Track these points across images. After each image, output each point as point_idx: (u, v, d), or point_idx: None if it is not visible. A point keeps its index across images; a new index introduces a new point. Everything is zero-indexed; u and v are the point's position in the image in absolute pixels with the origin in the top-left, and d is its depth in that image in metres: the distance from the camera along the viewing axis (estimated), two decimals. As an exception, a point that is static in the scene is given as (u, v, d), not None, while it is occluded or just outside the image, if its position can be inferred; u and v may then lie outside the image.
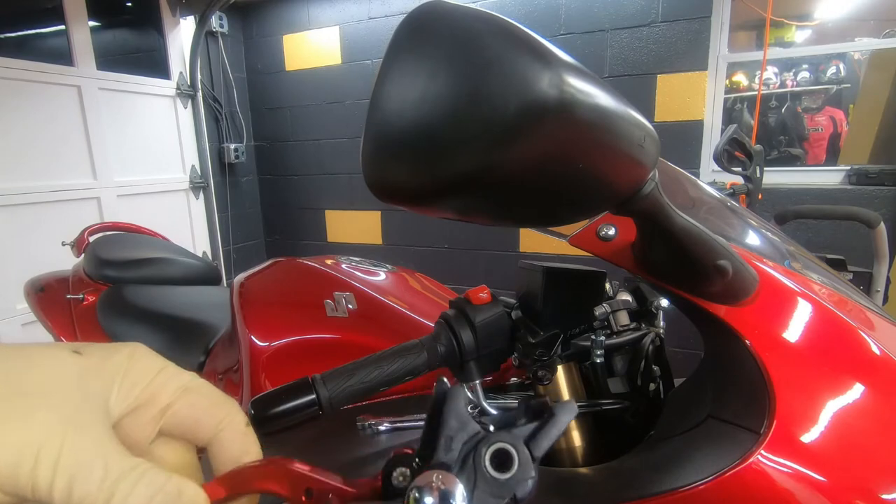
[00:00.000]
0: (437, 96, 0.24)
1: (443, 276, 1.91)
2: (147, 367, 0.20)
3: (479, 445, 0.20)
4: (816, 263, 0.60)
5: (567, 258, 2.23)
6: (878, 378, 0.40)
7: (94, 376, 0.19)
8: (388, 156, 0.27)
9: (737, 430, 0.39)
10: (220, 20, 3.24)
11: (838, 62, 3.90)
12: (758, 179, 1.41)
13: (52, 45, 2.56)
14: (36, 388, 0.17)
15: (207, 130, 3.26)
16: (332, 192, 3.46)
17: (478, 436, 0.20)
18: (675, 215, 0.36)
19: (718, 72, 2.50)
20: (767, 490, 0.35)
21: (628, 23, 2.56)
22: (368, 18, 3.11)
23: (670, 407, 0.50)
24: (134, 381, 0.20)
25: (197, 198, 3.28)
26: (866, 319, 0.49)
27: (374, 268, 0.99)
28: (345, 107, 3.29)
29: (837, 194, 2.36)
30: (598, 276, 0.56)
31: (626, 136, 0.28)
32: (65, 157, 2.50)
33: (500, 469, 0.20)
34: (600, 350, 0.54)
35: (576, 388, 0.56)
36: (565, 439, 0.54)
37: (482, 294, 0.51)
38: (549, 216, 0.33)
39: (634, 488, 0.40)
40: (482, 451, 0.20)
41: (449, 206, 0.28)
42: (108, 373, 0.19)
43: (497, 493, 0.20)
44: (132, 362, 0.20)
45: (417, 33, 0.26)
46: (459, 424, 0.20)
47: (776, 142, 4.04)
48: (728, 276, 0.39)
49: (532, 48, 0.24)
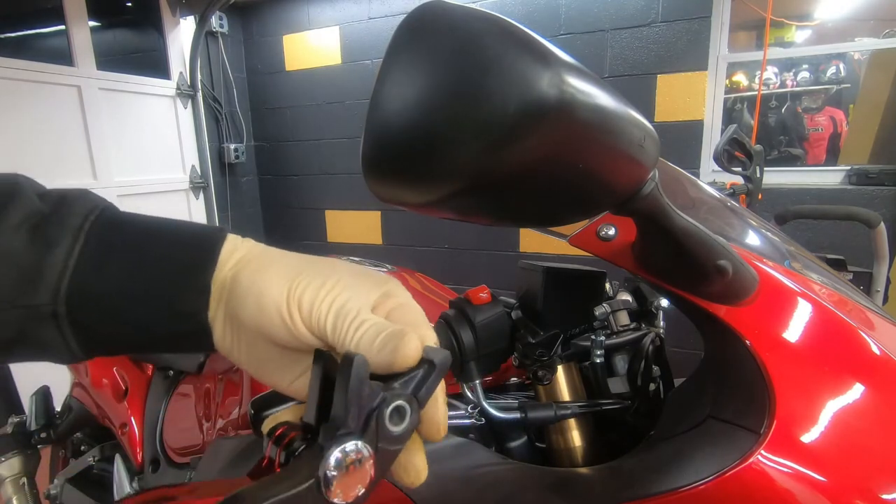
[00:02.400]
0: (437, 96, 0.24)
1: (443, 276, 1.90)
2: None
3: (382, 405, 0.22)
4: (816, 263, 0.60)
5: (567, 258, 2.23)
6: (878, 378, 0.40)
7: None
8: (388, 156, 0.27)
9: (737, 430, 0.39)
10: (220, 20, 3.24)
11: (838, 62, 3.90)
12: (758, 179, 1.40)
13: (52, 45, 2.56)
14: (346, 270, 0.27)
15: (207, 130, 3.26)
16: (332, 192, 3.46)
17: (380, 396, 0.22)
18: (675, 215, 0.36)
19: (718, 72, 2.50)
20: (767, 490, 0.35)
21: (628, 23, 2.56)
22: (368, 18, 3.11)
23: (670, 407, 0.50)
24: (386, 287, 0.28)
25: (197, 198, 3.28)
26: (866, 319, 0.49)
27: (374, 268, 0.99)
28: (345, 107, 3.29)
29: (837, 194, 2.36)
30: (598, 276, 0.56)
31: (625, 136, 0.28)
32: (65, 157, 2.50)
33: (396, 423, 0.22)
34: (600, 350, 0.54)
35: (576, 388, 0.56)
36: (565, 439, 0.54)
37: (482, 294, 0.51)
38: (549, 216, 0.33)
39: (634, 488, 0.40)
40: (384, 409, 0.22)
41: (449, 207, 0.28)
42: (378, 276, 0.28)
43: (394, 443, 0.22)
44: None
45: (417, 33, 0.26)
46: (367, 392, 0.22)
47: (776, 142, 4.04)
48: (728, 276, 0.39)
49: (532, 48, 0.24)
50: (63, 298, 0.24)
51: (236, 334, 0.27)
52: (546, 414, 0.51)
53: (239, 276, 0.26)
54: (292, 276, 0.26)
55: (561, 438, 0.54)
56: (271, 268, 0.26)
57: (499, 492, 0.47)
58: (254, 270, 0.26)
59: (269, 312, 0.25)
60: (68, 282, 0.24)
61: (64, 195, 0.27)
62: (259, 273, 0.26)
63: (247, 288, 0.26)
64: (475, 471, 0.50)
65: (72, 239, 0.25)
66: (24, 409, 1.11)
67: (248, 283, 0.26)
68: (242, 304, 0.25)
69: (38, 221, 0.25)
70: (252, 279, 0.26)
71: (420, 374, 0.23)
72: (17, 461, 1.01)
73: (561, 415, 0.51)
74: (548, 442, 0.55)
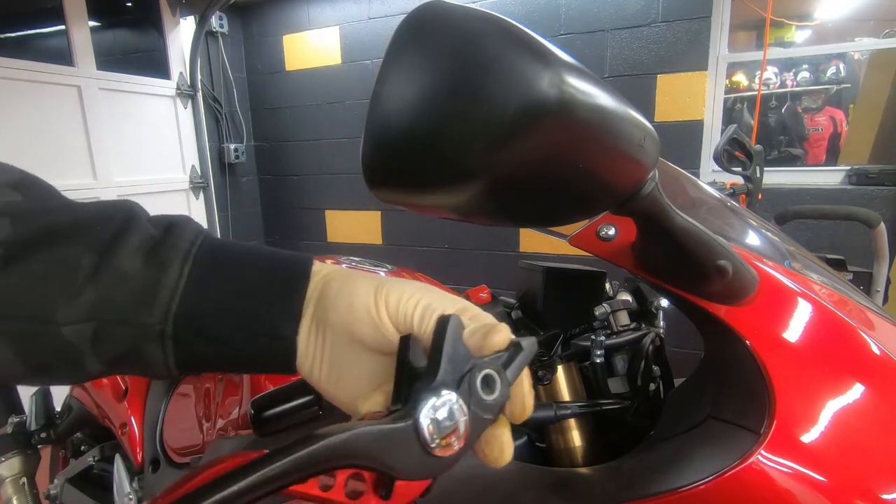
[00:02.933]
0: (437, 96, 0.24)
1: (443, 276, 1.90)
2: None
3: (473, 370, 0.23)
4: (816, 263, 0.60)
5: (567, 258, 2.23)
6: (878, 378, 0.40)
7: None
8: (388, 156, 0.27)
9: (737, 430, 0.39)
10: (220, 20, 3.23)
11: (838, 62, 3.90)
12: (758, 179, 1.40)
13: (52, 45, 2.56)
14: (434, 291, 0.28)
15: (207, 130, 3.26)
16: (332, 192, 3.46)
17: (472, 361, 0.23)
18: (675, 215, 0.36)
19: (718, 72, 2.50)
20: (767, 490, 0.35)
21: (628, 23, 2.56)
22: (368, 18, 3.11)
23: (670, 407, 0.50)
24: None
25: (197, 198, 3.28)
26: (866, 319, 0.49)
27: (374, 268, 0.99)
28: (345, 107, 3.29)
29: (837, 194, 2.36)
30: (598, 276, 0.56)
31: (625, 136, 0.28)
32: (65, 157, 2.50)
33: (486, 392, 0.23)
34: (600, 350, 0.54)
35: (576, 388, 0.56)
36: (565, 439, 0.54)
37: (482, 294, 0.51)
38: (549, 216, 0.33)
39: (634, 488, 0.40)
40: (476, 375, 0.23)
41: (449, 207, 0.28)
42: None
43: (486, 411, 0.23)
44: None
45: (417, 33, 0.26)
46: (462, 351, 0.23)
47: (776, 142, 4.04)
48: (728, 276, 0.39)
49: (532, 48, 0.24)
50: (171, 318, 0.26)
51: (321, 342, 0.28)
52: (546, 414, 0.51)
53: (328, 285, 0.29)
54: (378, 283, 0.28)
55: (561, 438, 0.54)
56: (357, 278, 0.29)
57: (499, 492, 0.47)
58: (342, 280, 0.29)
59: (358, 310, 0.27)
60: (178, 302, 0.26)
61: (171, 221, 0.29)
62: (347, 281, 0.29)
63: (337, 291, 0.28)
64: (475, 471, 0.50)
65: (181, 262, 0.27)
66: (24, 409, 1.11)
67: (338, 288, 0.28)
68: (333, 306, 0.28)
69: (152, 246, 0.27)
70: (341, 285, 0.28)
71: (508, 354, 0.24)
72: (17, 461, 1.01)
73: (561, 415, 0.51)
74: (548, 442, 0.55)
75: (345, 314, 0.27)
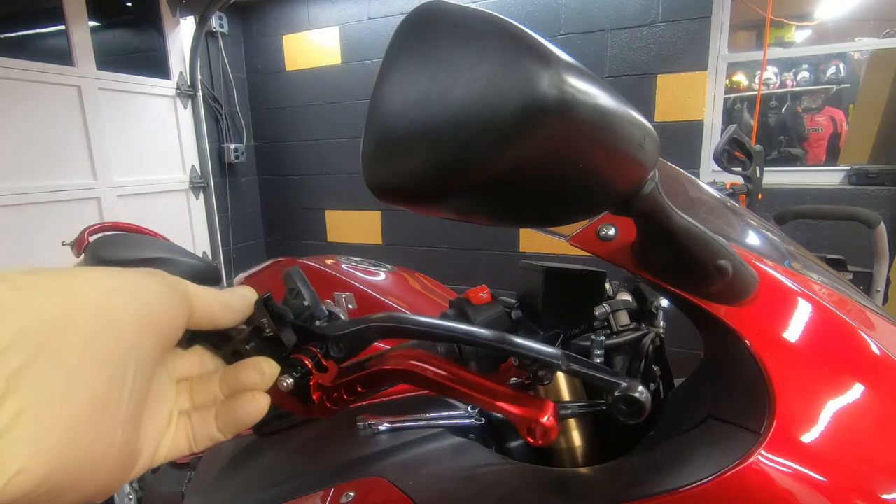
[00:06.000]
0: (437, 96, 0.24)
1: (443, 276, 1.91)
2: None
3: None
4: (816, 263, 0.60)
5: (567, 258, 2.23)
6: (878, 378, 0.40)
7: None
8: (388, 156, 0.27)
9: (737, 430, 0.39)
10: (220, 20, 3.23)
11: (838, 62, 3.90)
12: (758, 179, 1.40)
13: (52, 45, 2.56)
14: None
15: (207, 130, 3.26)
16: (332, 192, 3.47)
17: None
18: (675, 215, 0.36)
19: (718, 72, 2.50)
20: (767, 490, 0.35)
21: (628, 23, 2.56)
22: (368, 18, 3.11)
23: (670, 407, 0.50)
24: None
25: (197, 198, 3.28)
26: (866, 319, 0.49)
27: (374, 268, 0.99)
28: (345, 107, 3.29)
29: (837, 194, 2.36)
30: (598, 276, 0.56)
31: (626, 136, 0.28)
32: (65, 157, 2.50)
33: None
34: (600, 350, 0.54)
35: (576, 388, 0.56)
36: (565, 439, 0.54)
37: (482, 294, 0.51)
38: (549, 216, 0.33)
39: (634, 488, 0.40)
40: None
41: (449, 207, 0.28)
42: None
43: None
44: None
45: (417, 33, 0.26)
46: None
47: (776, 142, 4.04)
48: (728, 276, 0.39)
49: (532, 48, 0.24)
50: None
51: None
52: (546, 414, 0.51)
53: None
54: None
55: (561, 438, 0.54)
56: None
57: (499, 492, 0.47)
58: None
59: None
60: None
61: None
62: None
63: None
64: (475, 471, 0.50)
65: None
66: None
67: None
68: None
69: None
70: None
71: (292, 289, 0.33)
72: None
73: (561, 415, 0.51)
74: (548, 442, 0.55)
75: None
